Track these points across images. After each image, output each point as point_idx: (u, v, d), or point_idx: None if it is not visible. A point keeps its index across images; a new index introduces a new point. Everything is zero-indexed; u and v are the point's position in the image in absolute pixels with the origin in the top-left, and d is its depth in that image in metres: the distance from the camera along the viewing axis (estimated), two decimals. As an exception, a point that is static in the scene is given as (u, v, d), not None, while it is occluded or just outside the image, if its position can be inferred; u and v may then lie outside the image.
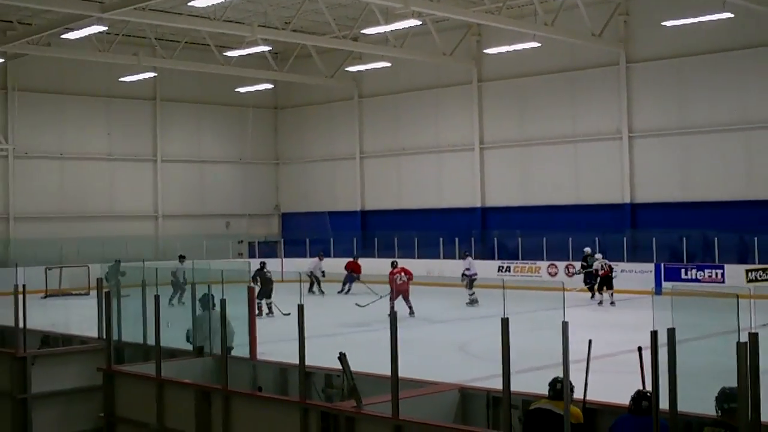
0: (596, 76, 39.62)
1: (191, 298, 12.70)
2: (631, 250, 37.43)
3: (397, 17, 34.53)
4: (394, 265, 29.54)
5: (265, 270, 29.93)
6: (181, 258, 33.11)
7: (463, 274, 32.70)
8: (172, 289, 21.13)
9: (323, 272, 37.74)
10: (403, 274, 28.63)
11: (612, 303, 31.45)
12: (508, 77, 42.24)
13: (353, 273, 37.87)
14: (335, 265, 39.13)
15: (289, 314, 24.05)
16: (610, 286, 31.84)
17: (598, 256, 33.22)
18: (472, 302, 31.27)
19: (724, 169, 36.27)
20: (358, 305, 28.77)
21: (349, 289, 37.32)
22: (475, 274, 32.45)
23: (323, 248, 42.95)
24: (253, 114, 50.97)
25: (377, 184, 48.23)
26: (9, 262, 36.84)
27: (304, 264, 39.38)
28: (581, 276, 34.27)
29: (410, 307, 28.06)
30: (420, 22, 36.27)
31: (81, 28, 34.02)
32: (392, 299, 28.11)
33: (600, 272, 32.15)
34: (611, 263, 32.61)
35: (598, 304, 31.88)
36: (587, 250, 34.88)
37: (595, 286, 32.56)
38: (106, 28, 34.90)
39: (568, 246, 37.89)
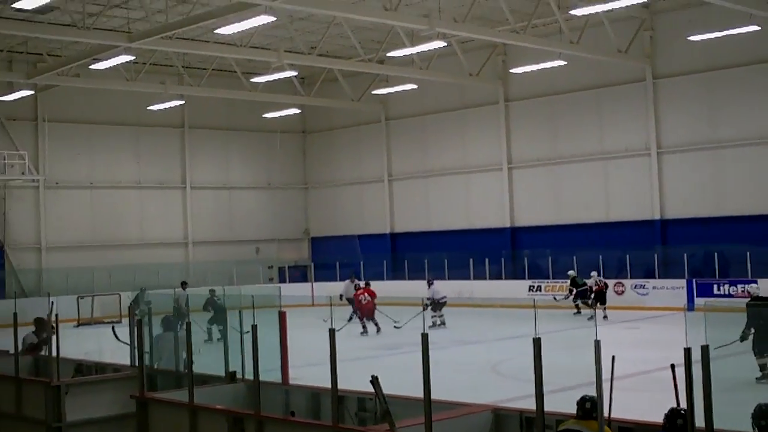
0: (623, 93, 39.52)
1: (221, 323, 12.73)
2: (663, 266, 37.29)
3: (423, 39, 34.58)
4: (357, 287, 32.17)
5: (215, 297, 28.88)
6: (183, 285, 33.14)
7: (434, 301, 32.47)
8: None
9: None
10: (366, 294, 30.99)
11: (605, 317, 32.61)
12: (534, 96, 42.22)
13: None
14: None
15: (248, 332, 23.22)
16: (603, 302, 33.48)
17: (593, 273, 34.84)
18: (441, 323, 31.89)
19: (755, 183, 36.00)
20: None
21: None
22: (444, 298, 32.74)
23: (354, 271, 42.96)
24: (280, 139, 51.13)
25: (406, 206, 48.23)
26: (41, 291, 37.03)
27: (335, 288, 39.35)
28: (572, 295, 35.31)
29: (376, 325, 30.31)
30: (445, 44, 36.28)
31: (109, 59, 34.32)
32: (361, 318, 30.70)
33: (594, 288, 33.98)
34: (606, 280, 35.00)
35: (588, 319, 32.85)
36: (571, 273, 35.95)
37: (589, 302, 33.71)
38: (134, 57, 35.17)
39: (599, 264, 37.72)
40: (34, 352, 16.74)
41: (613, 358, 8.34)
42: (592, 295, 33.95)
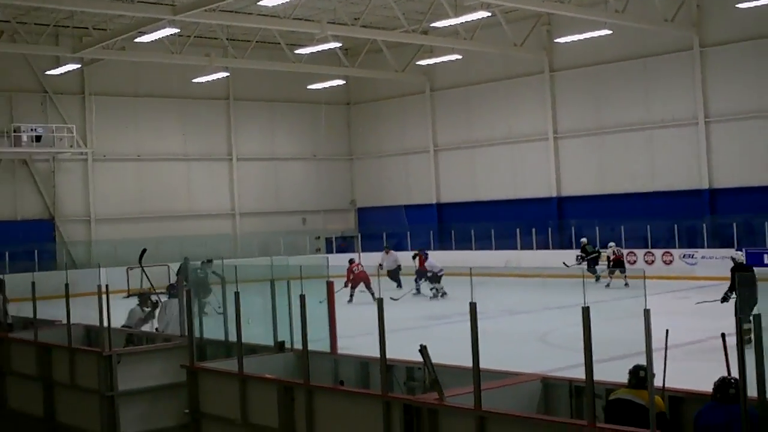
0: (670, 62, 39.14)
1: (274, 295, 12.76)
2: (711, 236, 36.98)
3: (467, 9, 34.42)
4: (351, 261, 33.50)
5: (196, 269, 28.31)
6: (209, 262, 33.35)
7: (433, 273, 32.89)
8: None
9: (399, 266, 36.24)
10: (360, 265, 32.88)
11: (626, 285, 33.27)
12: (580, 66, 41.92)
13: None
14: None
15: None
16: (623, 270, 34.21)
17: (611, 244, 35.54)
18: (443, 294, 32.16)
19: (805, 151, 35.64)
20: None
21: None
22: (441, 270, 32.91)
23: (398, 242, 43.05)
24: (325, 110, 51.19)
25: (452, 176, 48.16)
26: (92, 263, 37.42)
27: (377, 258, 39.50)
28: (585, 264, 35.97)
29: (372, 293, 31.02)
30: (489, 14, 36.11)
31: (154, 31, 34.49)
32: (353, 287, 31.89)
33: (612, 257, 34.76)
34: (623, 249, 35.97)
35: (606, 287, 33.29)
36: (583, 240, 37.02)
37: (607, 271, 34.61)
38: (178, 30, 35.30)
39: (646, 233, 37.53)
40: (142, 325, 17.15)
41: (667, 331, 8.32)
42: (611, 264, 34.63)
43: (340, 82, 47.10)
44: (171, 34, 35.68)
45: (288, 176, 50.72)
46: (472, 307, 8.47)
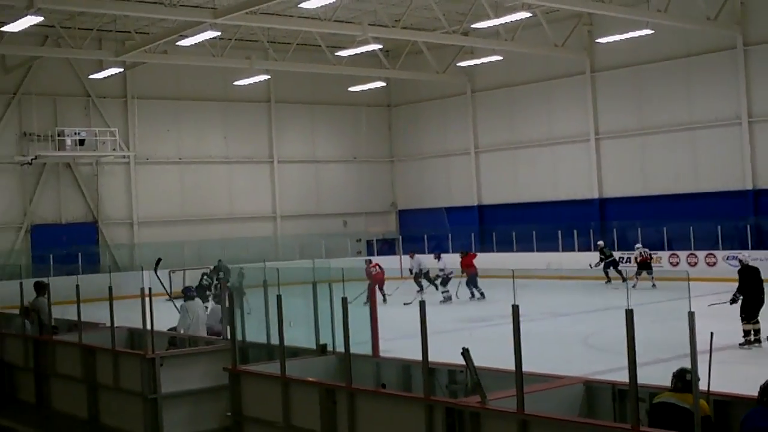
0: (712, 61, 38.80)
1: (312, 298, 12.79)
2: (756, 237, 36.63)
3: (508, 10, 34.36)
4: (369, 262, 34.03)
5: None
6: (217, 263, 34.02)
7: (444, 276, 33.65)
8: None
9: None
10: (378, 267, 33.05)
11: (653, 286, 33.65)
12: (621, 66, 41.65)
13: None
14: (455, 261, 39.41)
15: None
16: (650, 271, 34.67)
17: (638, 246, 36.32)
18: (446, 299, 32.70)
19: None
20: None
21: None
22: (452, 272, 33.42)
23: (438, 244, 43.00)
24: (366, 112, 51.27)
25: (493, 178, 48.02)
26: (134, 266, 37.69)
27: (423, 261, 39.42)
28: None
29: (383, 294, 31.31)
30: (530, 14, 36.02)
31: (195, 35, 34.65)
32: (371, 288, 30.34)
33: (638, 258, 35.64)
34: (650, 252, 36.33)
35: (632, 287, 32.86)
36: (600, 243, 37.65)
37: (634, 273, 34.91)
38: (220, 33, 35.46)
39: (689, 235, 37.24)
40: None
41: (712, 334, 8.25)
42: (636, 266, 35.35)
43: (381, 84, 47.12)
44: (212, 38, 35.89)
45: (329, 179, 50.81)
46: (515, 309, 8.45)
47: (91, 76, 42.09)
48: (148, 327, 13.53)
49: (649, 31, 35.67)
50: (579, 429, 8.13)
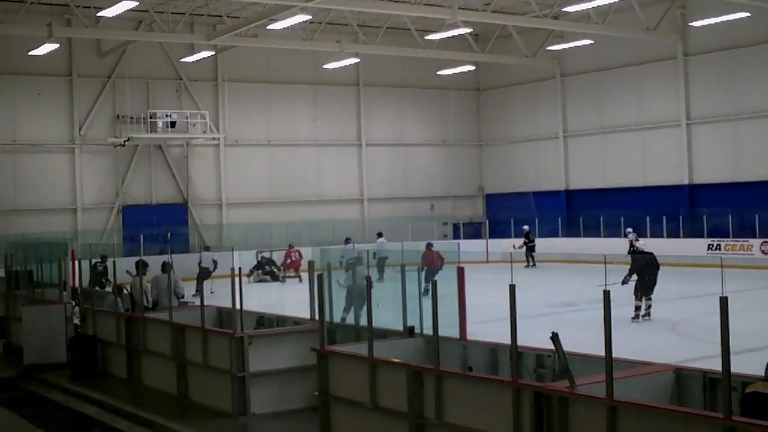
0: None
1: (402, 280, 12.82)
2: None
3: (599, -7, 33.97)
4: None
5: (98, 265, 27.41)
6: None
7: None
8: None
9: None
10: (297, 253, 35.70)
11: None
12: (715, 50, 40.91)
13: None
14: (545, 245, 39.56)
15: None
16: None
17: (629, 230, 35.71)
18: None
19: None
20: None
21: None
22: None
23: (530, 228, 42.79)
24: (455, 96, 51.16)
25: (581, 162, 47.63)
26: (224, 246, 38.14)
27: (510, 244, 39.40)
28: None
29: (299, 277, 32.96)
30: (622, -3, 35.60)
31: (286, 18, 34.83)
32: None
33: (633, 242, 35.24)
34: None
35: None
36: (526, 228, 41.04)
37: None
38: (310, 17, 35.61)
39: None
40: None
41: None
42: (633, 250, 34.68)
43: (470, 67, 46.93)
44: (303, 21, 36.05)
45: (416, 162, 50.83)
46: (606, 295, 8.40)
47: (182, 60, 42.64)
48: (237, 306, 13.70)
49: (745, 14, 34.98)
50: (669, 417, 8.05)
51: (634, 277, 22.45)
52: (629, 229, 36.67)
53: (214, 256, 33.08)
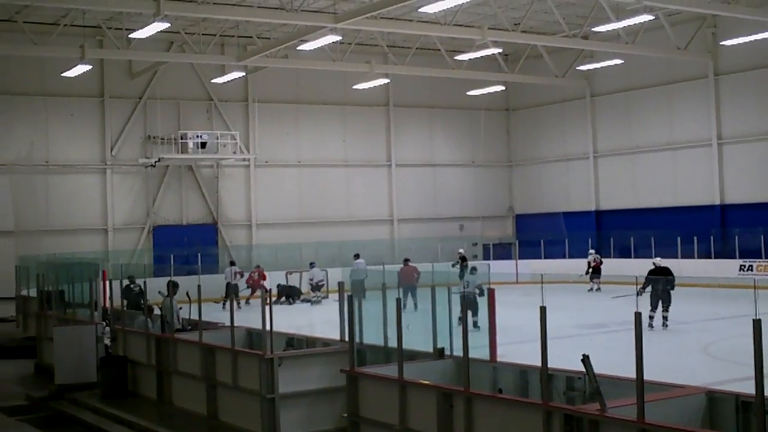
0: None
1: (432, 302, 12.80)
2: None
3: (629, 13, 33.86)
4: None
5: (132, 286, 26.37)
6: (312, 265, 37.02)
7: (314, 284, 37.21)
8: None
9: None
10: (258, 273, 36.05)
11: (598, 289, 37.81)
12: (746, 69, 40.68)
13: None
14: (575, 266, 39.47)
15: None
16: (599, 276, 38.53)
17: (591, 251, 40.04)
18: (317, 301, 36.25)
19: None
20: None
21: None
22: (322, 281, 37.08)
23: (558, 249, 42.70)
24: (484, 116, 51.13)
25: (611, 183, 47.44)
26: (252, 267, 38.20)
27: (540, 266, 39.32)
28: None
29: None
30: (652, 17, 35.46)
31: (315, 39, 34.97)
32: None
33: (592, 263, 39.02)
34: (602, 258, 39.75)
35: (588, 290, 37.93)
36: (461, 251, 39.52)
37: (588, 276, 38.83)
38: (340, 38, 35.71)
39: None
40: None
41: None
42: (590, 270, 38.81)
43: (500, 88, 46.84)
44: (332, 42, 36.16)
45: (446, 182, 50.81)
46: (637, 317, 8.36)
47: (213, 80, 42.86)
48: (267, 328, 13.71)
49: (776, 33, 34.79)
50: (701, 439, 7.98)
51: (649, 289, 24.80)
52: (591, 251, 40.13)
53: (237, 269, 33.92)
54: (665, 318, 25.01)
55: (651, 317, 24.74)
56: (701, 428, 8.95)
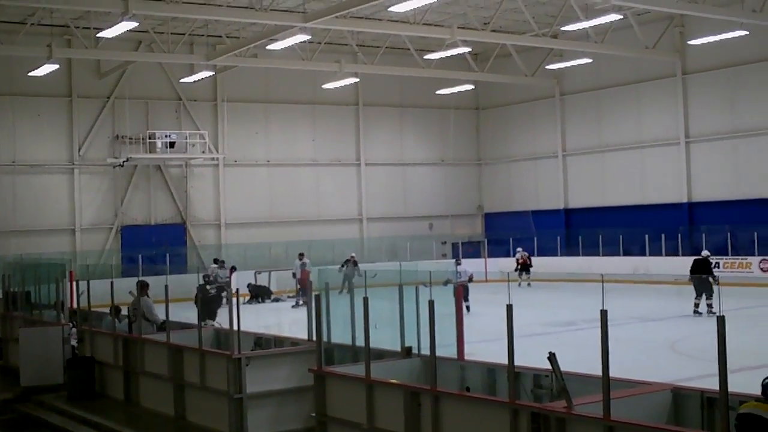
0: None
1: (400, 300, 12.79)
2: None
3: (597, 12, 33.97)
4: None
5: (208, 287, 26.53)
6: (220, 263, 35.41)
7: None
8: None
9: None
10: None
11: (529, 284, 39.76)
12: (714, 68, 40.91)
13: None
14: (539, 264, 39.46)
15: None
16: (528, 272, 40.50)
17: (519, 249, 42.05)
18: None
19: None
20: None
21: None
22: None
23: (526, 246, 42.86)
24: (454, 115, 51.19)
25: (580, 181, 47.62)
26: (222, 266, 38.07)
27: (509, 264, 39.44)
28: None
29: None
30: (621, 16, 35.61)
31: (285, 39, 34.89)
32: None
33: (519, 260, 40.80)
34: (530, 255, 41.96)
35: (518, 285, 39.21)
36: (353, 255, 38.38)
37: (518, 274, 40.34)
38: (309, 37, 35.66)
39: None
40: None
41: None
42: (519, 267, 40.53)
43: (469, 87, 46.90)
44: (302, 41, 36.11)
45: (416, 181, 50.85)
46: (603, 314, 8.37)
47: (182, 80, 42.69)
48: (235, 327, 13.65)
49: (743, 32, 34.99)
50: (666, 436, 8.01)
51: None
52: (519, 248, 41.99)
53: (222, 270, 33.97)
54: (709, 306, 26.53)
55: (696, 304, 27.03)
56: (666, 424, 8.97)
